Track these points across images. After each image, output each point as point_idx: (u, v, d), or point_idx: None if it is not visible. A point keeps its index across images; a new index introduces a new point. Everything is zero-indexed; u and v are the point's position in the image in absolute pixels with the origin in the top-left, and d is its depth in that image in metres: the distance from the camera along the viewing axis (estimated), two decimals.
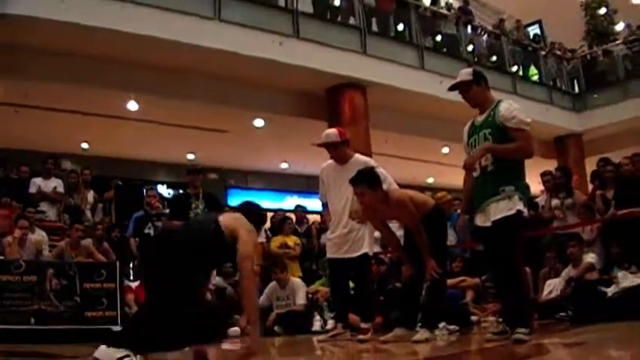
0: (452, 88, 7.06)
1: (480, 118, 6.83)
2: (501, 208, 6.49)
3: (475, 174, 6.82)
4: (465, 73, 7.01)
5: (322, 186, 8.80)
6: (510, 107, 6.61)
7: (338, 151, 8.58)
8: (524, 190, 6.70)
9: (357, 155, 8.63)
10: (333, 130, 8.86)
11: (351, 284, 8.97)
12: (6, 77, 14.51)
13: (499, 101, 6.77)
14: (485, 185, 6.68)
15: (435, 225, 7.59)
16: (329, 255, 8.69)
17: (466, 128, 7.07)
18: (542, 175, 13.14)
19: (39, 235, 11.32)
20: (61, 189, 13.79)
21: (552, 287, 10.81)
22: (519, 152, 6.58)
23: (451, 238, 11.31)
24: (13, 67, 13.95)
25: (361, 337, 8.06)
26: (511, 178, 6.52)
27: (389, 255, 12.08)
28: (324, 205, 8.99)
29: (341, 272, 8.61)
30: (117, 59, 14.71)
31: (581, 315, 9.33)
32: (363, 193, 7.36)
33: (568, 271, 10.61)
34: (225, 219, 5.60)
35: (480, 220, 6.79)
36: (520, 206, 6.48)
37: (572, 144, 23.56)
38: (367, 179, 7.44)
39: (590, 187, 13.53)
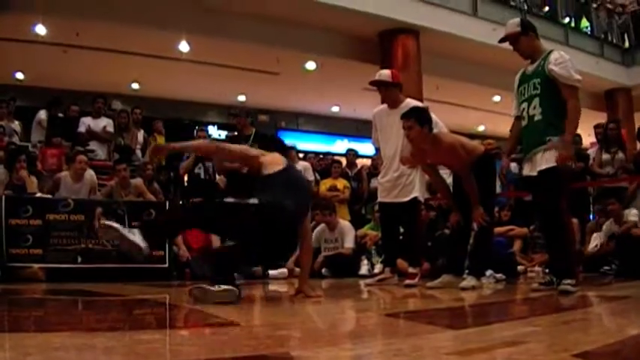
0: (502, 41, 7.04)
1: (531, 68, 6.81)
2: (547, 158, 6.47)
3: (523, 122, 6.82)
4: (513, 25, 6.96)
5: (374, 130, 8.78)
6: (561, 59, 6.54)
7: (389, 93, 8.54)
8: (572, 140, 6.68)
9: (409, 100, 8.57)
10: (386, 71, 8.84)
11: (401, 229, 8.99)
12: (57, 17, 14.63)
13: (550, 51, 6.72)
14: (533, 134, 6.68)
15: (484, 172, 7.56)
16: (380, 199, 8.71)
17: (517, 76, 7.05)
18: (596, 127, 13.04)
19: (89, 175, 11.37)
20: (110, 128, 13.75)
21: (598, 240, 10.80)
22: (577, 116, 6.49)
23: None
24: (64, 6, 14.03)
25: (408, 282, 8.07)
26: (558, 128, 6.46)
27: (438, 201, 12.07)
28: (377, 149, 9.00)
29: (391, 216, 8.62)
30: None
31: (626, 269, 9.35)
32: (410, 127, 7.33)
33: (609, 225, 10.58)
34: None
35: (527, 169, 6.81)
36: None
37: (622, 98, 23.51)
38: (417, 114, 7.45)
39: (638, 142, 13.40)
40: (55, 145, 12.34)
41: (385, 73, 8.65)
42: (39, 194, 10.53)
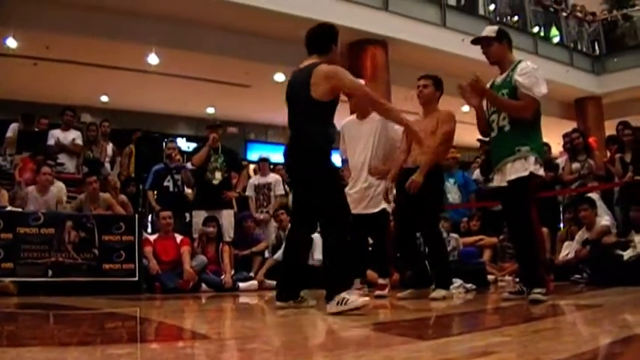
0: (474, 42, 7.09)
1: (500, 79, 6.86)
2: (517, 168, 6.52)
3: (492, 134, 6.86)
4: (490, 30, 7.06)
5: (342, 142, 8.80)
6: (527, 69, 6.58)
7: (358, 103, 8.61)
8: (540, 150, 6.73)
9: None
10: None
11: (370, 241, 8.99)
12: (27, 30, 14.56)
13: (519, 62, 6.77)
14: (502, 145, 6.72)
15: (435, 182, 7.82)
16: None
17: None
18: (564, 136, 13.10)
19: (56, 188, 11.31)
20: (79, 141, 13.66)
21: (569, 249, 10.83)
22: (513, 110, 6.60)
23: (455, 197, 11.40)
24: (34, 19, 13.98)
25: (378, 293, 8.13)
26: (527, 138, 6.53)
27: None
28: (344, 160, 8.99)
29: (360, 228, 8.60)
30: (138, 12, 14.77)
31: (597, 278, 9.39)
32: (426, 85, 8.34)
33: (582, 234, 10.62)
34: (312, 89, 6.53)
35: (497, 180, 6.85)
36: (533, 168, 6.48)
37: (592, 106, 23.59)
38: (437, 79, 8.44)
39: (607, 150, 13.48)
40: (37, 163, 12.22)
41: None
42: (9, 208, 10.47)
